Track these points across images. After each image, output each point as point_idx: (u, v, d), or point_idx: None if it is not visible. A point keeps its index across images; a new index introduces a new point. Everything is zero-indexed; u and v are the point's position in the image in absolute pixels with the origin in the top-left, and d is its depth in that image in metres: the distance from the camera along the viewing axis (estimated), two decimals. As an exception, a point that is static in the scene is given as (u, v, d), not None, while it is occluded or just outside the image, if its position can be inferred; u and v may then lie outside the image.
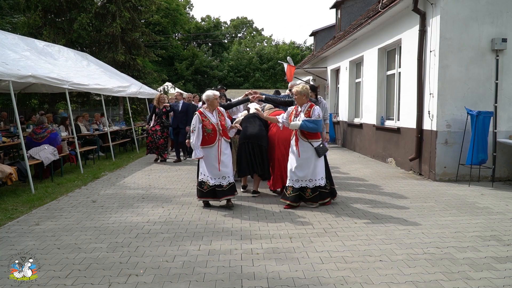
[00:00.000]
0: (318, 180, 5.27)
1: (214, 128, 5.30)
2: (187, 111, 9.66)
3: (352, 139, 12.20)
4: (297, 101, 5.37)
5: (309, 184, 5.27)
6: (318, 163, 5.25)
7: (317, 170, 5.26)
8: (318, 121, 5.15)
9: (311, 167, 5.23)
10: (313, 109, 5.23)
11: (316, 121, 5.14)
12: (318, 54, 16.07)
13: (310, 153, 5.21)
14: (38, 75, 7.06)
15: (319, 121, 5.17)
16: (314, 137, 5.24)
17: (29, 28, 15.78)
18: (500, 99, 7.01)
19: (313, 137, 5.23)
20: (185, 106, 9.91)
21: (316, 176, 5.26)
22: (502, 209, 5.27)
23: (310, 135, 5.21)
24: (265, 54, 42.22)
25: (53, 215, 5.19)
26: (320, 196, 5.34)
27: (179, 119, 9.82)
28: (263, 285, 3.14)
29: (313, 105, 5.30)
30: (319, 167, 5.28)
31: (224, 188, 5.33)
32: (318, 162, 5.26)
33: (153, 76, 18.60)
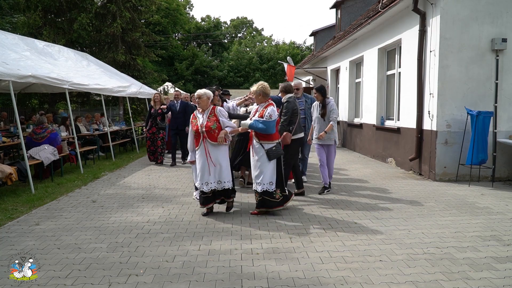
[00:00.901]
0: (266, 185, 4.94)
1: (197, 130, 4.93)
2: (185, 111, 9.23)
3: (352, 139, 12.20)
4: (255, 101, 5.23)
5: (258, 188, 4.99)
6: (268, 167, 4.94)
7: (267, 174, 4.94)
8: (267, 122, 4.85)
9: (259, 169, 4.96)
10: (266, 109, 4.94)
11: (266, 121, 4.85)
12: (318, 54, 16.07)
13: (261, 155, 4.95)
14: (38, 75, 7.06)
15: (269, 122, 4.85)
16: (266, 139, 4.93)
17: (29, 28, 15.78)
18: (500, 99, 7.01)
19: (265, 139, 4.93)
20: (183, 105, 9.47)
21: (264, 180, 4.94)
22: (502, 209, 5.27)
23: (262, 136, 4.93)
24: (265, 54, 42.20)
25: (53, 215, 5.19)
26: (263, 203, 5.02)
27: (178, 119, 9.34)
28: (263, 285, 3.14)
29: (269, 105, 5.00)
30: (269, 172, 4.95)
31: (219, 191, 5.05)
32: (268, 166, 4.94)
33: (153, 76, 18.61)
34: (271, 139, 4.97)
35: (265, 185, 4.95)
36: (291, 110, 5.54)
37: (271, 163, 4.97)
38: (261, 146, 4.95)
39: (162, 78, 20.21)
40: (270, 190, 4.96)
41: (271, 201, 5.01)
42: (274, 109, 4.99)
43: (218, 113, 4.99)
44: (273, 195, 4.99)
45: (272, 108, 4.97)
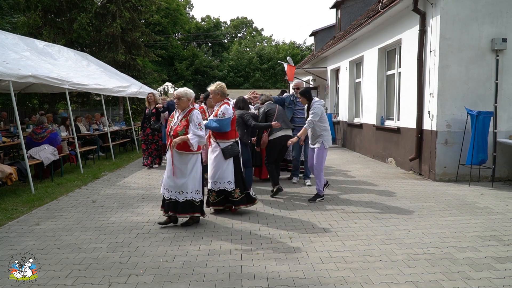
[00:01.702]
0: (224, 184, 4.94)
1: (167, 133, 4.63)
2: None
3: (352, 139, 12.20)
4: (213, 101, 5.22)
5: (214, 187, 4.98)
6: (225, 165, 4.93)
7: (225, 173, 4.92)
8: (220, 120, 4.84)
9: (216, 168, 4.95)
10: (220, 108, 4.94)
11: (219, 120, 4.85)
12: (318, 54, 16.07)
13: (217, 154, 4.95)
14: (38, 75, 7.06)
15: (222, 120, 4.84)
16: (222, 138, 4.95)
17: (29, 28, 15.79)
18: (500, 99, 7.01)
19: (221, 137, 4.95)
20: None
21: (223, 179, 4.94)
22: (502, 209, 5.27)
23: (218, 135, 4.96)
24: (265, 54, 42.19)
25: (53, 215, 5.19)
26: (224, 201, 5.07)
27: None
28: (263, 285, 3.14)
29: (224, 104, 4.96)
30: (227, 171, 4.94)
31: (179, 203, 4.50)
32: (225, 164, 4.93)
33: (153, 76, 18.61)
34: (227, 137, 4.97)
35: (223, 184, 4.95)
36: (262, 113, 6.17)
37: (228, 162, 4.95)
38: (218, 144, 4.97)
39: (162, 78, 20.22)
40: (228, 189, 4.96)
41: (229, 200, 5.04)
42: (227, 107, 4.93)
43: (190, 118, 4.45)
44: (231, 194, 5.00)
45: (225, 107, 4.92)
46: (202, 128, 4.42)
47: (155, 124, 8.77)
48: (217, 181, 4.95)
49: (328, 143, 5.67)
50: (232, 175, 4.97)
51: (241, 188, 5.05)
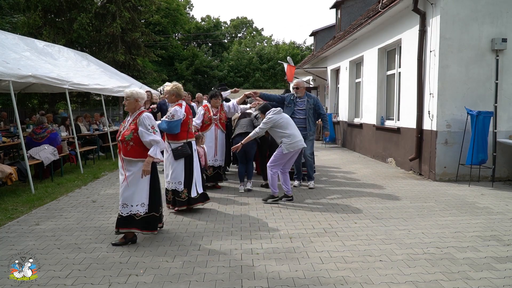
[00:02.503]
0: (175, 184, 5.02)
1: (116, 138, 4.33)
2: None
3: (352, 139, 12.20)
4: (168, 101, 5.26)
5: (168, 186, 5.08)
6: (174, 166, 4.99)
7: (174, 173, 5.01)
8: (169, 122, 4.88)
9: (169, 169, 5.05)
10: (170, 110, 5.00)
11: (168, 121, 4.89)
12: (318, 54, 16.07)
13: (169, 154, 5.05)
14: (38, 75, 7.06)
15: (171, 122, 4.88)
16: (173, 138, 5.00)
17: (29, 28, 15.80)
18: (500, 99, 7.01)
19: (172, 138, 5.01)
20: None
21: (174, 179, 5.02)
22: (502, 209, 5.27)
23: (169, 136, 5.02)
24: (265, 54, 42.18)
25: (53, 215, 5.19)
26: (174, 201, 5.11)
27: None
28: (263, 285, 3.14)
29: (176, 105, 4.97)
30: (177, 171, 5.01)
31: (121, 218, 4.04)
32: (175, 165, 4.99)
33: (153, 76, 18.63)
34: (177, 138, 5.01)
35: (173, 184, 5.05)
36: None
37: (179, 163, 5.00)
38: (169, 145, 5.03)
39: (162, 78, 20.24)
40: (178, 190, 5.04)
41: (177, 200, 5.08)
42: (178, 109, 4.92)
43: (139, 121, 3.98)
44: (179, 194, 5.06)
45: (175, 109, 4.92)
46: (156, 131, 4.01)
47: None
48: (171, 181, 5.06)
49: (287, 149, 5.45)
50: (182, 176, 5.03)
51: (189, 189, 5.09)
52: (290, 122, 5.65)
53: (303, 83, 6.91)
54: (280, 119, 5.57)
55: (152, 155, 3.94)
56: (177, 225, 4.70)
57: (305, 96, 6.72)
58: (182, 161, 5.01)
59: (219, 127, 6.59)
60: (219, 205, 5.58)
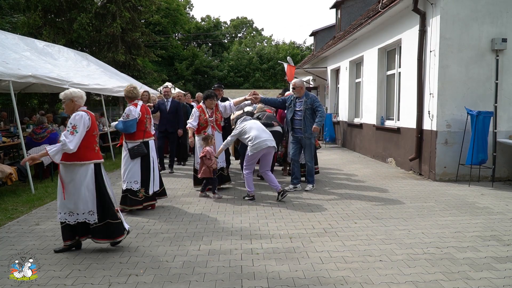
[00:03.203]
0: (131, 183, 5.05)
1: None
2: (177, 111, 8.23)
3: (352, 139, 12.20)
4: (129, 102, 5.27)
5: (123, 186, 5.10)
6: (131, 165, 5.06)
7: (131, 173, 5.05)
8: (124, 122, 4.98)
9: (124, 168, 5.10)
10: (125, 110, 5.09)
11: (123, 121, 4.99)
12: (318, 54, 16.07)
13: (125, 153, 5.10)
14: (38, 75, 7.06)
15: (126, 121, 4.97)
16: (130, 138, 5.08)
17: (29, 28, 15.81)
18: (500, 99, 7.01)
19: (128, 138, 5.09)
20: (174, 105, 8.28)
21: (130, 178, 5.06)
22: (502, 209, 5.27)
23: (126, 136, 5.10)
24: (265, 54, 42.17)
25: (53, 215, 5.18)
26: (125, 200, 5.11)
27: (167, 120, 8.14)
28: (263, 285, 3.14)
29: (132, 105, 5.09)
30: (133, 170, 5.06)
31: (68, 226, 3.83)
32: (131, 164, 5.05)
33: (153, 76, 18.64)
34: (133, 138, 5.09)
35: (129, 183, 5.06)
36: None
37: (135, 162, 5.07)
38: (126, 145, 5.10)
39: (162, 78, 20.24)
40: (134, 189, 5.06)
41: (133, 199, 5.08)
42: (132, 108, 5.02)
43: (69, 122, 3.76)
44: (136, 193, 5.09)
45: (129, 108, 5.02)
46: (76, 132, 3.61)
47: None
48: (126, 180, 5.08)
49: (251, 151, 5.67)
50: (138, 175, 5.08)
51: (146, 188, 5.14)
52: (253, 126, 5.85)
53: (301, 82, 6.57)
54: (244, 126, 5.89)
55: (47, 150, 3.54)
56: (177, 225, 4.70)
57: (304, 96, 6.38)
58: (138, 160, 5.09)
59: (216, 128, 6.38)
60: (219, 205, 5.58)
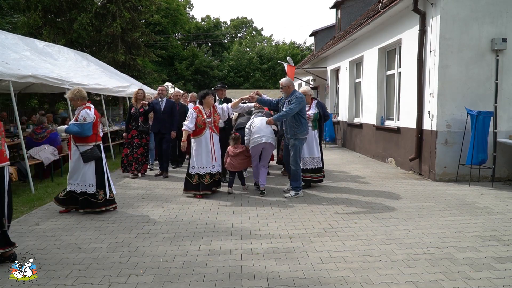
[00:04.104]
0: (85, 186, 5.07)
1: None
2: (172, 112, 7.81)
3: (352, 139, 12.20)
4: (74, 106, 5.21)
5: (77, 189, 5.09)
6: (86, 169, 5.05)
7: (86, 176, 5.05)
8: (82, 125, 4.91)
9: (79, 171, 5.06)
10: (80, 112, 4.98)
11: (80, 124, 4.91)
12: (318, 54, 16.07)
13: (77, 157, 5.05)
14: (38, 75, 7.06)
15: (84, 125, 4.92)
16: (82, 141, 5.03)
17: (29, 28, 15.81)
18: (500, 99, 7.01)
19: (80, 141, 5.03)
20: (169, 105, 7.85)
21: (84, 182, 5.07)
22: (502, 209, 5.27)
23: (77, 139, 5.02)
24: (265, 54, 42.21)
25: (53, 215, 5.18)
26: (87, 203, 5.10)
27: (161, 121, 7.72)
28: (263, 285, 3.14)
29: (85, 108, 5.00)
30: (88, 174, 5.06)
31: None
32: (85, 168, 5.04)
33: (153, 76, 18.65)
34: (86, 141, 5.05)
35: (84, 187, 5.06)
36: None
37: (89, 166, 5.07)
38: (77, 148, 5.03)
39: (162, 78, 20.26)
40: (90, 192, 5.07)
41: (94, 202, 5.09)
42: (88, 112, 4.99)
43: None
44: (95, 196, 5.09)
45: (86, 111, 4.97)
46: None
47: (144, 125, 7.65)
48: (80, 183, 5.06)
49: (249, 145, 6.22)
50: (93, 178, 5.09)
51: (104, 190, 5.16)
52: (257, 123, 6.17)
53: (287, 81, 6.13)
54: (251, 122, 6.31)
55: None
56: (177, 225, 4.70)
57: (290, 96, 5.95)
58: (92, 163, 5.08)
59: (214, 130, 6.10)
60: (219, 205, 5.58)
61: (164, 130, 7.73)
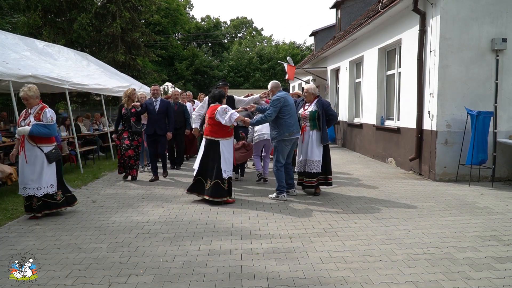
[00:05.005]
0: (46, 188, 4.91)
1: None
2: (167, 112, 7.48)
3: (352, 139, 12.20)
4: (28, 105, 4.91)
5: (37, 192, 4.87)
6: (48, 170, 4.89)
7: (47, 177, 4.89)
8: (50, 125, 4.81)
9: (39, 173, 4.85)
10: (44, 112, 4.82)
11: (49, 125, 4.80)
12: (318, 54, 16.07)
13: (39, 159, 4.84)
14: (38, 75, 7.07)
15: (52, 125, 4.84)
16: (46, 142, 4.87)
17: (29, 28, 15.80)
18: (500, 99, 7.01)
19: (43, 142, 4.85)
20: (164, 105, 7.49)
21: (46, 183, 4.90)
22: (502, 209, 5.27)
23: (40, 140, 4.82)
24: (265, 54, 42.19)
25: (53, 215, 5.18)
26: (46, 206, 4.96)
27: (156, 122, 7.36)
28: (263, 285, 3.14)
29: (44, 107, 4.88)
30: (48, 174, 4.91)
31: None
32: (46, 169, 4.88)
33: (153, 76, 18.65)
34: (49, 142, 4.93)
35: (45, 189, 4.90)
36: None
37: (51, 166, 4.94)
38: (40, 149, 4.85)
39: (162, 78, 20.25)
40: (50, 193, 4.95)
41: (53, 203, 5.00)
42: (51, 111, 4.91)
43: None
44: (54, 197, 5.00)
45: (50, 111, 4.88)
46: None
47: (136, 126, 7.24)
48: (41, 186, 4.88)
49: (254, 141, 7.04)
50: (54, 179, 4.99)
51: (63, 190, 5.11)
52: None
53: (274, 84, 6.15)
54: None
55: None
56: (177, 225, 4.70)
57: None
58: (54, 164, 4.97)
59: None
60: (219, 205, 5.57)
61: (160, 131, 7.39)
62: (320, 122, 5.95)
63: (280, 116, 5.70)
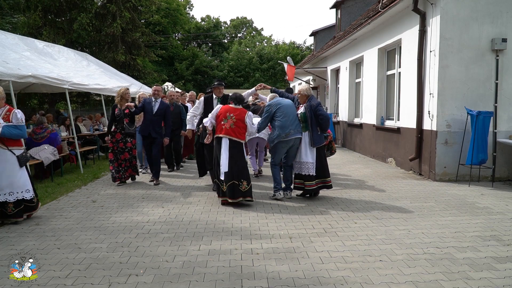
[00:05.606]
0: (23, 193, 4.75)
1: None
2: (165, 114, 7.14)
3: (352, 139, 12.20)
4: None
5: (10, 198, 4.66)
6: (20, 174, 4.71)
7: (21, 181, 4.72)
8: (22, 126, 4.66)
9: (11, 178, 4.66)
10: (13, 113, 4.65)
11: (21, 125, 4.64)
12: (318, 54, 16.07)
13: (10, 163, 4.63)
14: (38, 75, 7.06)
15: (23, 126, 4.68)
16: (16, 144, 4.70)
17: (29, 28, 15.82)
18: (500, 99, 7.01)
19: (14, 144, 4.67)
20: (164, 107, 7.13)
21: (20, 188, 4.73)
22: (502, 209, 5.27)
23: (10, 142, 4.62)
24: (265, 54, 42.17)
25: (53, 215, 5.19)
26: (26, 209, 4.84)
27: (152, 123, 7.02)
28: (263, 285, 3.14)
29: (12, 109, 4.71)
30: (23, 178, 4.76)
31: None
32: (20, 173, 4.71)
33: (153, 76, 18.65)
34: (18, 144, 4.77)
35: (21, 193, 4.75)
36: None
37: (24, 170, 4.79)
38: (11, 152, 4.65)
39: (162, 78, 20.26)
40: (27, 198, 4.81)
41: (31, 206, 4.92)
42: (20, 112, 4.74)
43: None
44: (32, 200, 4.91)
45: (19, 112, 4.72)
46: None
47: (129, 128, 6.99)
48: (13, 191, 4.70)
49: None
50: (29, 182, 4.85)
51: (35, 193, 5.01)
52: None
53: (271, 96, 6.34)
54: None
55: None
56: (177, 225, 4.70)
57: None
58: (24, 167, 4.81)
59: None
60: (219, 205, 5.58)
61: (155, 134, 7.03)
62: (308, 123, 5.74)
63: (275, 118, 5.82)
